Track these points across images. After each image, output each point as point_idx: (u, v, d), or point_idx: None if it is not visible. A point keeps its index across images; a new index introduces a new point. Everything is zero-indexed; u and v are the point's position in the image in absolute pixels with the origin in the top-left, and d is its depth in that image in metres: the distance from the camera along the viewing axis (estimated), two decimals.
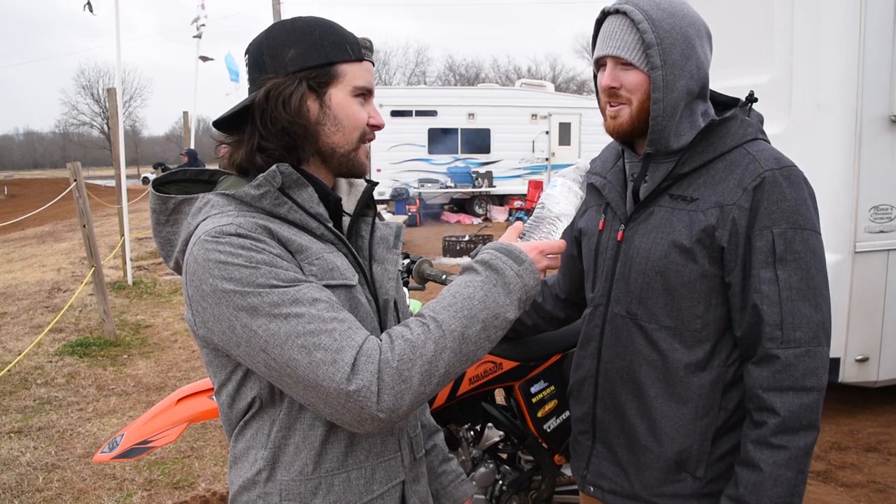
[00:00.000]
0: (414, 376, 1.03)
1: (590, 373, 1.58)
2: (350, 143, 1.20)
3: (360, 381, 1.01)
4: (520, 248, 1.16)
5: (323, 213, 1.18)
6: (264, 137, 1.16)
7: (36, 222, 17.14)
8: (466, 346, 1.08)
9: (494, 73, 51.26)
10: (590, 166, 1.36)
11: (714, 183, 1.38)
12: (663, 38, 1.34)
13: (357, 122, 1.20)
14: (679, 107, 1.38)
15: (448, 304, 1.09)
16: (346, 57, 1.18)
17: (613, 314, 1.51)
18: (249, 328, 1.03)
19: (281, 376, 1.05)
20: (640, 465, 1.49)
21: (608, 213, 1.56)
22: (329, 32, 1.18)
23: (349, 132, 1.20)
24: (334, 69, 1.17)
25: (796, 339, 1.31)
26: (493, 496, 2.34)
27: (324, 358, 1.01)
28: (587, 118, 17.43)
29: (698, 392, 1.42)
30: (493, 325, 1.10)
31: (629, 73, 1.38)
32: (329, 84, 1.17)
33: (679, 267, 1.40)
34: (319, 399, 1.03)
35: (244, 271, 1.04)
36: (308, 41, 1.17)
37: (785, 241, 1.32)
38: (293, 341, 1.02)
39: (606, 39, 1.40)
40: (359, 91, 1.20)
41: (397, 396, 1.02)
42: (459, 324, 1.07)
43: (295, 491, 1.15)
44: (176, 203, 1.19)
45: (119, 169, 9.06)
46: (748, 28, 4.19)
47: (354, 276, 1.18)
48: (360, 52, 1.20)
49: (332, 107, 1.18)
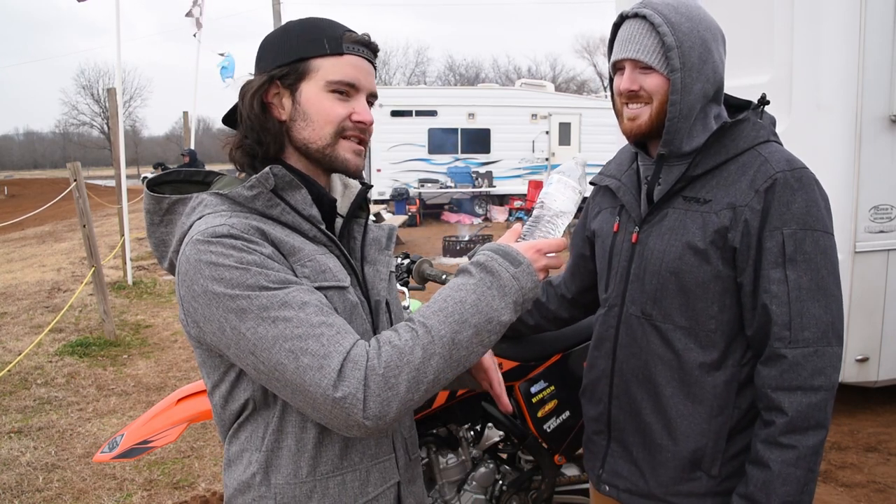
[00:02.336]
0: (401, 383, 1.02)
1: (605, 373, 1.59)
2: (322, 138, 1.18)
3: (347, 387, 1.00)
4: (517, 249, 1.14)
5: (316, 214, 1.18)
6: (245, 133, 1.19)
7: (36, 222, 17.13)
8: (457, 351, 1.06)
9: (494, 73, 51.31)
10: (586, 161, 1.36)
11: (727, 185, 1.40)
12: (682, 42, 1.35)
13: (328, 117, 1.17)
14: (695, 109, 1.40)
15: (438, 309, 1.07)
16: (319, 52, 1.16)
17: (628, 315, 1.52)
18: (238, 331, 1.03)
19: (269, 380, 1.05)
20: (656, 464, 1.50)
21: (623, 215, 1.57)
22: (309, 29, 1.18)
23: (319, 127, 1.18)
24: (305, 64, 1.17)
25: (805, 338, 1.32)
26: (493, 496, 2.34)
27: (311, 363, 1.01)
28: (587, 118, 17.43)
29: (713, 391, 1.43)
30: (486, 330, 1.08)
31: (648, 76, 1.39)
32: (301, 79, 1.17)
33: (693, 268, 1.41)
34: (307, 404, 1.03)
35: (234, 273, 1.04)
36: (284, 39, 1.19)
37: (795, 241, 1.33)
38: (281, 345, 1.02)
39: (625, 43, 1.40)
40: (334, 86, 1.17)
41: (384, 404, 1.01)
42: (449, 329, 1.05)
43: (290, 494, 1.14)
44: (170, 203, 1.20)
45: (119, 169, 9.06)
46: (748, 28, 4.18)
47: (347, 277, 1.18)
48: (339, 46, 1.17)
49: (301, 102, 1.17)
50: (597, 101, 19.22)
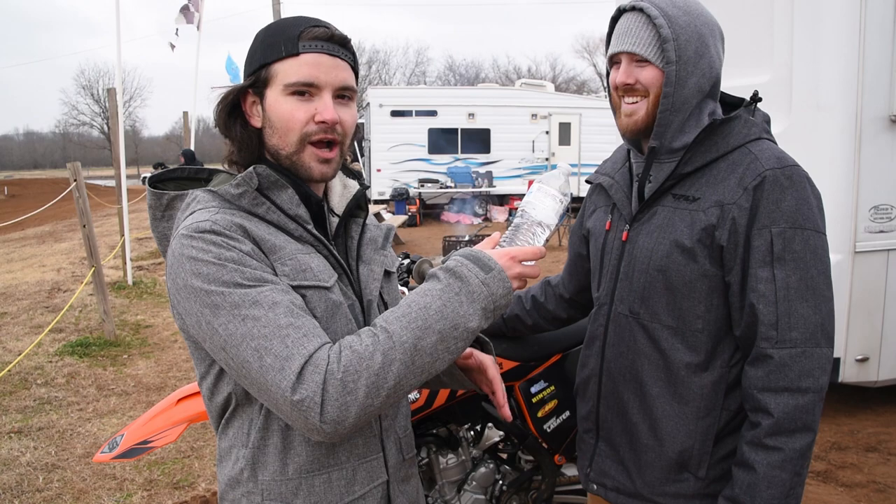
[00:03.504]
0: (359, 388, 1.01)
1: (594, 371, 1.59)
2: (289, 145, 1.17)
3: (305, 391, 1.00)
4: (489, 255, 1.12)
5: (302, 214, 1.18)
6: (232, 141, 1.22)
7: (36, 222, 17.13)
8: (420, 357, 1.04)
9: (494, 73, 51.24)
10: (572, 170, 1.34)
11: (716, 182, 1.38)
12: (679, 35, 1.34)
13: (289, 123, 1.15)
14: (689, 104, 1.39)
15: (402, 314, 1.06)
16: (277, 55, 1.15)
17: (617, 313, 1.52)
18: (212, 326, 1.05)
19: (238, 376, 1.06)
20: (642, 464, 1.50)
21: (615, 213, 1.56)
22: (271, 34, 1.18)
23: (284, 134, 1.16)
24: (267, 71, 1.16)
25: (792, 339, 1.29)
26: (493, 496, 2.34)
27: (273, 364, 1.01)
28: (587, 118, 17.42)
29: (700, 392, 1.42)
30: (451, 336, 1.06)
31: (644, 69, 1.38)
32: (266, 86, 1.17)
33: (680, 266, 1.40)
34: (270, 404, 1.05)
35: (212, 268, 1.05)
36: (252, 47, 1.20)
37: (783, 240, 1.31)
38: (248, 343, 1.02)
39: (622, 36, 1.40)
40: (291, 88, 1.14)
41: (342, 408, 1.00)
42: (412, 335, 1.04)
43: (276, 491, 1.16)
44: (169, 199, 1.22)
45: (119, 169, 9.06)
46: (748, 28, 4.19)
47: (331, 277, 1.17)
48: (294, 46, 1.13)
49: (267, 109, 1.18)
50: (597, 101, 19.21)
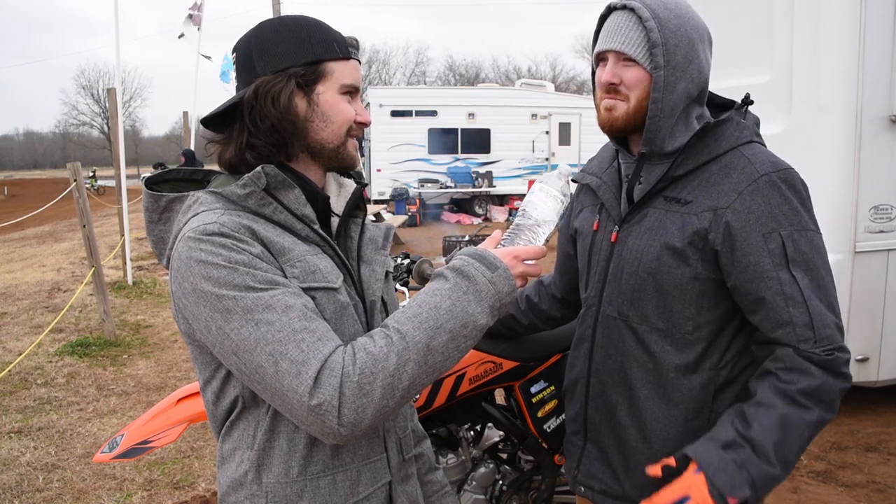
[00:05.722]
0: (375, 390, 1.02)
1: (582, 373, 1.58)
2: (339, 137, 1.22)
3: (322, 395, 1.00)
4: (494, 254, 1.14)
5: (309, 214, 1.18)
6: (253, 135, 1.17)
7: (36, 222, 17.13)
8: (432, 357, 1.06)
9: (494, 73, 51.31)
10: (572, 171, 1.35)
11: (708, 186, 1.38)
12: (668, 39, 1.33)
13: (346, 118, 1.21)
14: (677, 109, 1.38)
15: (413, 315, 1.07)
16: (333, 55, 1.19)
17: (605, 315, 1.51)
18: (223, 331, 1.04)
19: (251, 381, 1.06)
20: (630, 467, 1.49)
21: (603, 213, 1.55)
22: (317, 31, 1.20)
23: (338, 128, 1.21)
24: (322, 67, 1.18)
25: (828, 336, 1.30)
26: (493, 496, 2.34)
27: (289, 369, 1.01)
28: (587, 118, 17.42)
29: (689, 394, 1.41)
30: (461, 335, 1.08)
31: (630, 69, 1.37)
32: (317, 81, 1.18)
33: (671, 269, 1.39)
34: (285, 409, 1.05)
35: (222, 271, 1.04)
36: (296, 39, 1.18)
37: (794, 243, 1.32)
38: (262, 348, 1.02)
39: (610, 34, 1.39)
40: (346, 88, 1.21)
41: (358, 411, 1.01)
42: (424, 335, 1.05)
43: (281, 493, 1.15)
44: (168, 201, 1.21)
45: (119, 169, 9.05)
46: (748, 28, 4.19)
47: (338, 277, 1.18)
48: (347, 50, 1.21)
49: (320, 104, 1.19)
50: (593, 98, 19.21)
